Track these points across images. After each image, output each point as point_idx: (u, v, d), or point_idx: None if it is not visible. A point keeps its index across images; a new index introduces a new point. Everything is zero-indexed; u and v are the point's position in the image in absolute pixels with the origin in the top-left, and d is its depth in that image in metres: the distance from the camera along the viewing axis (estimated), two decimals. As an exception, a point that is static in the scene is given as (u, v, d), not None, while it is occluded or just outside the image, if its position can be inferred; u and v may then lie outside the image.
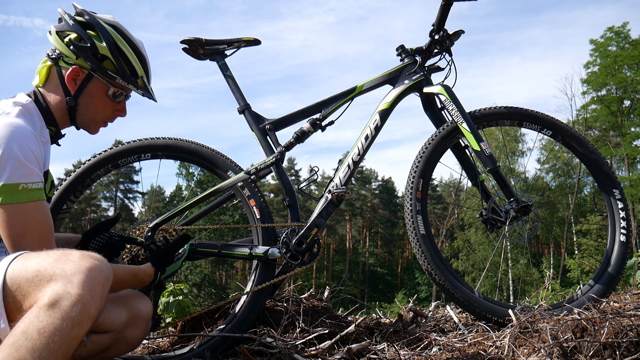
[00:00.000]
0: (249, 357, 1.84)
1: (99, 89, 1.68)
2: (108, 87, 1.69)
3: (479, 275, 27.59)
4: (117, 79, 1.69)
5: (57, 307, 1.10)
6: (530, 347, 1.72)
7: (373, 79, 2.47)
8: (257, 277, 2.15)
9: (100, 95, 1.69)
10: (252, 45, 2.45)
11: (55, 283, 1.14)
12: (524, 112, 2.47)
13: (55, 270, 1.16)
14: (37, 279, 1.17)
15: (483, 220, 2.39)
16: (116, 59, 1.68)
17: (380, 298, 34.69)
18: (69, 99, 1.65)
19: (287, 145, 2.29)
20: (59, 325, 1.09)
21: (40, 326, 1.08)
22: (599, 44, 25.72)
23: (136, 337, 1.69)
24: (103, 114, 1.74)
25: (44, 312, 1.10)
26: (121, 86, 1.71)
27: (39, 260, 1.21)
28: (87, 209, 39.99)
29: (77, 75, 1.65)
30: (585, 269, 21.41)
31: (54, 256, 1.21)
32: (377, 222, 47.62)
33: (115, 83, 1.69)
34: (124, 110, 1.78)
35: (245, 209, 2.25)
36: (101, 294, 1.18)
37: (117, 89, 1.71)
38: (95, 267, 1.19)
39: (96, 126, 1.76)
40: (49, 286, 1.14)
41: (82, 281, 1.14)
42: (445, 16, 2.41)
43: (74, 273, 1.15)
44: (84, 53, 1.64)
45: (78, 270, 1.16)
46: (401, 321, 2.58)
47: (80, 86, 1.66)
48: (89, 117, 1.71)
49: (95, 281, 1.17)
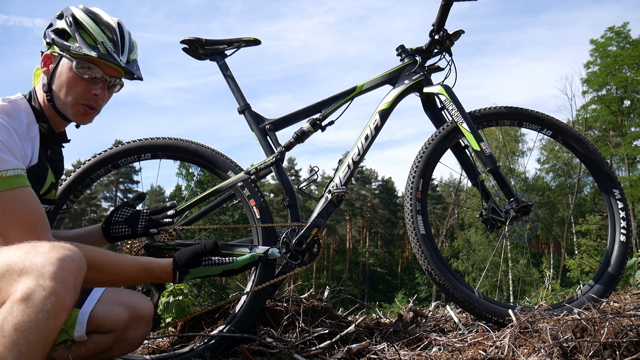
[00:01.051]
0: (249, 357, 1.84)
1: (66, 67, 1.62)
2: (72, 62, 1.61)
3: (479, 275, 27.58)
4: (72, 47, 1.60)
5: (30, 301, 1.09)
6: (530, 347, 1.72)
7: (373, 79, 2.47)
8: (257, 277, 2.15)
9: (67, 72, 1.62)
10: (252, 45, 2.45)
11: (26, 277, 1.12)
12: (524, 112, 2.47)
13: (25, 264, 1.14)
14: (8, 273, 1.15)
15: (483, 220, 2.39)
16: (74, 32, 1.62)
17: (380, 298, 34.69)
18: (44, 85, 1.63)
19: (287, 145, 2.29)
20: (34, 319, 1.08)
21: (15, 322, 1.07)
22: (599, 43, 25.74)
23: (137, 337, 1.69)
24: (75, 94, 1.62)
25: (18, 307, 1.08)
26: (80, 56, 1.60)
27: (9, 254, 1.19)
28: (87, 209, 39.99)
29: (49, 61, 1.64)
30: (585, 269, 21.40)
31: (24, 249, 1.20)
32: (377, 222, 47.61)
33: (74, 53, 1.60)
34: (102, 89, 1.65)
35: (245, 209, 2.25)
36: (74, 283, 1.16)
37: (80, 62, 1.61)
38: (65, 258, 1.17)
39: (73, 110, 1.64)
40: (21, 280, 1.12)
41: (54, 273, 1.13)
42: (445, 16, 2.41)
43: (45, 265, 1.13)
44: (49, 36, 1.64)
45: (48, 262, 1.14)
46: (401, 321, 2.58)
47: (52, 71, 1.63)
48: (62, 100, 1.63)
49: (67, 271, 1.15)
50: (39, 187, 1.60)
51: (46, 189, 1.65)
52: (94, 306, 1.59)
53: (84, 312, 1.57)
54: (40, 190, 1.61)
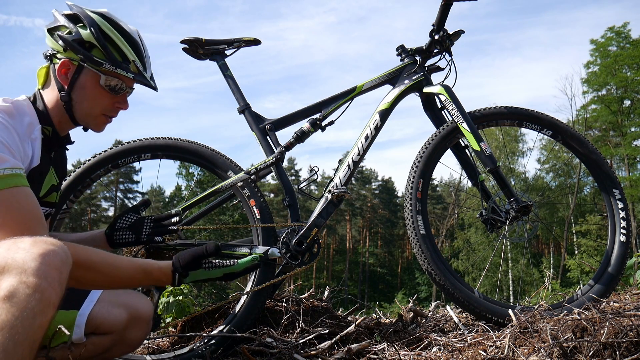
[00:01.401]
0: (249, 357, 1.84)
1: (91, 79, 1.61)
2: (99, 77, 1.61)
3: (479, 275, 27.59)
4: (105, 64, 1.60)
5: (14, 299, 1.06)
6: (530, 347, 1.72)
7: (373, 79, 2.47)
8: (257, 277, 2.15)
9: (92, 86, 1.62)
10: (252, 45, 2.45)
11: (8, 274, 1.09)
12: (524, 112, 2.47)
13: (7, 261, 1.11)
14: None
15: (483, 220, 2.39)
16: (103, 45, 1.60)
17: (380, 298, 34.69)
18: (62, 94, 1.60)
19: (287, 145, 2.29)
20: (20, 317, 1.05)
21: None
22: (600, 43, 25.74)
23: (137, 338, 1.68)
24: (100, 107, 1.65)
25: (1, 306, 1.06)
26: (111, 73, 1.62)
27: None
28: (87, 209, 39.99)
29: (67, 69, 1.60)
30: (585, 269, 21.40)
31: (5, 246, 1.16)
32: (377, 222, 47.62)
33: (105, 70, 1.61)
34: (125, 102, 1.70)
35: (245, 209, 2.25)
36: (59, 279, 1.13)
37: (109, 78, 1.62)
38: (48, 252, 1.14)
39: (96, 121, 1.68)
40: (3, 278, 1.09)
41: (37, 269, 1.09)
42: (445, 16, 2.41)
43: (27, 261, 1.10)
44: (70, 44, 1.58)
45: (30, 258, 1.11)
46: (401, 321, 2.58)
47: (72, 79, 1.60)
48: (85, 111, 1.64)
49: (51, 267, 1.12)
50: (38, 189, 1.58)
51: (45, 191, 1.62)
52: (92, 307, 1.58)
53: (83, 314, 1.56)
54: (39, 192, 1.59)
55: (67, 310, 1.55)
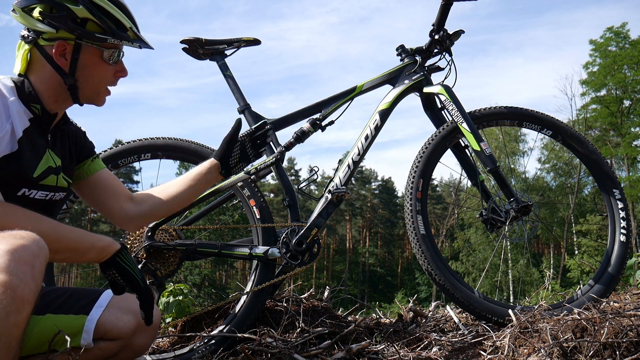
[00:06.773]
0: (249, 357, 1.84)
1: (92, 56, 1.50)
2: (101, 52, 1.51)
3: (479, 275, 27.59)
4: (108, 39, 1.49)
5: None
6: (530, 347, 1.72)
7: (373, 79, 2.47)
8: (257, 277, 2.15)
9: (96, 63, 1.51)
10: (252, 45, 2.45)
11: None
12: (524, 112, 2.47)
13: None
14: None
15: (483, 220, 2.39)
16: (99, 18, 1.47)
17: (380, 298, 34.68)
18: (66, 79, 1.49)
19: (287, 145, 2.29)
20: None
21: None
22: (599, 44, 25.73)
23: (144, 344, 1.66)
24: (106, 81, 1.56)
25: None
26: (114, 45, 1.52)
27: None
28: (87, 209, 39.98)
29: (64, 49, 1.48)
30: (586, 269, 21.40)
31: None
32: (377, 222, 47.62)
33: (107, 44, 1.50)
34: (124, 69, 1.60)
35: (245, 209, 2.25)
36: (32, 273, 1.08)
37: (110, 50, 1.52)
38: (17, 248, 1.08)
39: (100, 96, 1.58)
40: None
41: (5, 266, 1.04)
42: (445, 16, 2.41)
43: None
44: (62, 22, 1.44)
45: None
46: (401, 321, 2.58)
47: (73, 60, 1.48)
48: (92, 89, 1.54)
49: (21, 262, 1.07)
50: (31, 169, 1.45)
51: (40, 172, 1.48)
52: (101, 313, 1.56)
53: (92, 320, 1.54)
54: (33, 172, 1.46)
55: (76, 315, 1.54)
